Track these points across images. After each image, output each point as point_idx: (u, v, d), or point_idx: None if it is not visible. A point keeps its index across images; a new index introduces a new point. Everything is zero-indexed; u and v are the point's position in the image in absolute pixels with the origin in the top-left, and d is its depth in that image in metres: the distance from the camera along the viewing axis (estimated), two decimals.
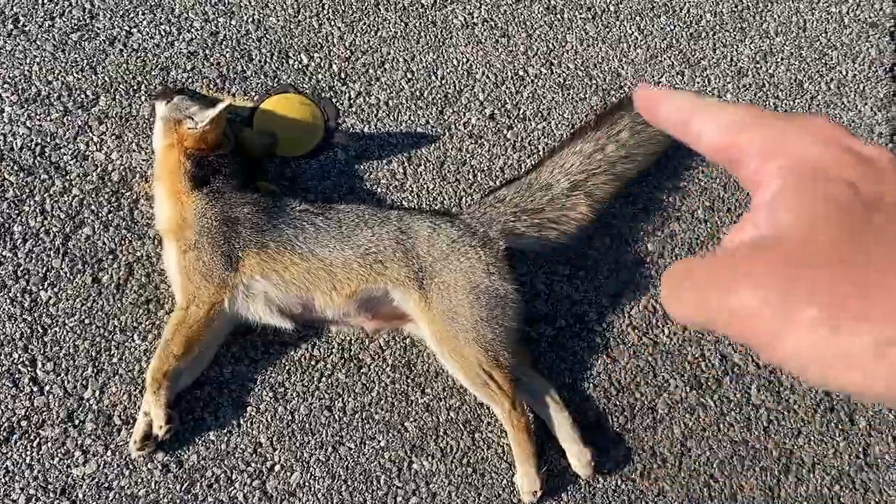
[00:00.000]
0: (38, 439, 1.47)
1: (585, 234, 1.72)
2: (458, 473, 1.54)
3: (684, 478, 1.59)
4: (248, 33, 1.88)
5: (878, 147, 0.34)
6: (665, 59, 1.99)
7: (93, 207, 1.65)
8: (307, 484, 1.51)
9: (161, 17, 1.87)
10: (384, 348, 1.62)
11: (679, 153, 1.86)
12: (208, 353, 1.54)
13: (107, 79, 1.78)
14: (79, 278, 1.59)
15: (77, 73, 1.78)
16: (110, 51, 1.81)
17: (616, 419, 1.62)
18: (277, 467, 1.51)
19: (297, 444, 1.53)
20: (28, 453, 1.46)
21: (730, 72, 1.99)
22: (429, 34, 1.95)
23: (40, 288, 1.58)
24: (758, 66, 2.01)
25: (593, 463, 1.51)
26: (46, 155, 1.69)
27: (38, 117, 1.72)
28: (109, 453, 1.48)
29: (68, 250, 1.61)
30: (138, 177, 1.69)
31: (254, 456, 1.51)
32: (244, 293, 1.51)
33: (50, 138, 1.70)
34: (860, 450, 1.64)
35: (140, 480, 1.47)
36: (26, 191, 1.65)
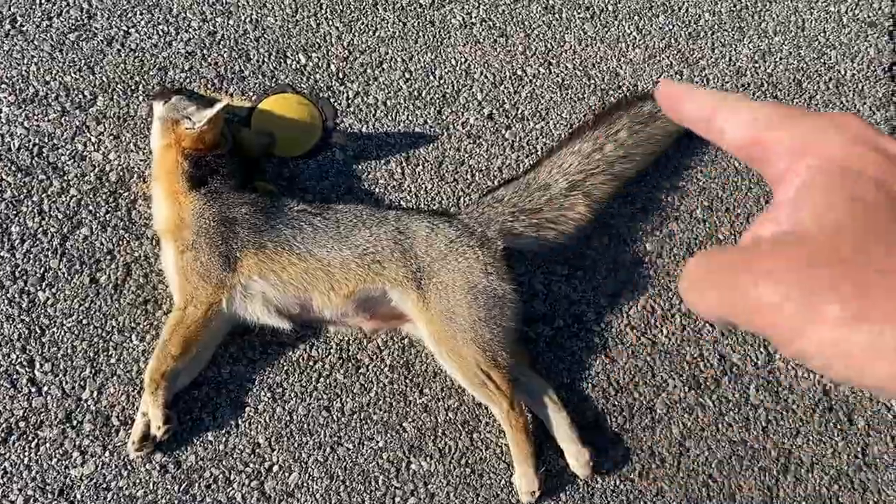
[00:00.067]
0: (36, 440, 1.47)
1: (584, 233, 1.72)
2: (456, 474, 1.54)
3: (683, 478, 1.59)
4: (245, 33, 1.88)
5: None
6: (663, 58, 1.99)
7: (91, 208, 1.65)
8: (305, 484, 1.51)
9: (159, 17, 1.86)
10: (382, 349, 1.62)
11: (678, 153, 1.86)
12: (206, 354, 1.54)
13: (104, 79, 1.78)
14: (77, 279, 1.59)
15: (75, 73, 1.78)
16: (108, 51, 1.81)
17: (614, 419, 1.62)
18: (276, 468, 1.51)
19: (296, 444, 1.53)
20: (26, 454, 1.46)
21: (728, 71, 1.99)
22: (427, 34, 1.94)
23: (38, 288, 1.58)
24: (756, 66, 2.01)
25: (591, 463, 1.51)
26: (44, 155, 1.69)
27: (35, 117, 1.72)
28: (108, 454, 1.48)
29: (66, 251, 1.61)
30: (136, 177, 1.69)
31: (252, 456, 1.51)
32: (242, 293, 1.51)
33: (48, 138, 1.70)
34: (859, 449, 1.64)
35: (138, 481, 1.47)
36: (24, 191, 1.65)
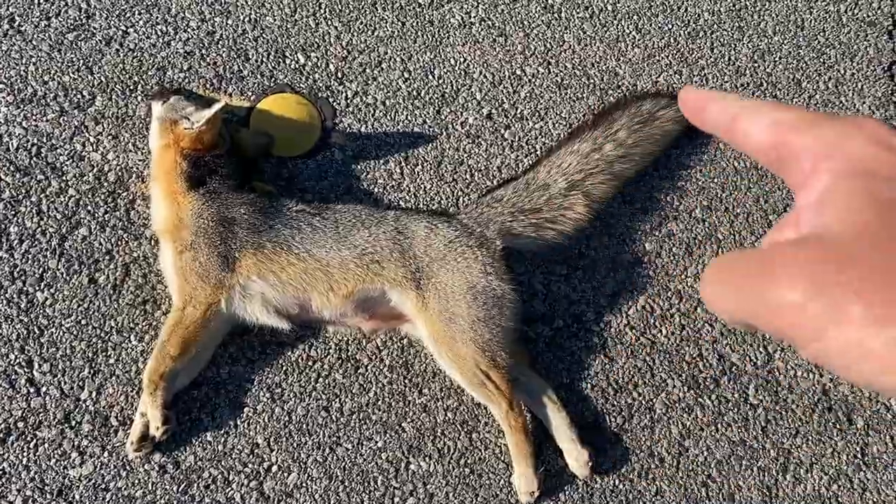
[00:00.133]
0: (34, 440, 1.47)
1: (583, 233, 1.72)
2: (455, 474, 1.54)
3: (682, 478, 1.59)
4: (244, 33, 1.88)
5: None
6: (663, 57, 1.99)
7: (89, 208, 1.65)
8: (304, 485, 1.51)
9: (157, 17, 1.86)
10: (381, 349, 1.62)
11: (677, 153, 1.86)
12: (205, 354, 1.54)
13: (103, 79, 1.78)
14: (75, 279, 1.59)
15: (73, 73, 1.77)
16: (107, 51, 1.81)
17: (614, 419, 1.62)
18: (275, 468, 1.51)
19: (295, 444, 1.53)
20: (25, 455, 1.46)
21: (728, 71, 1.99)
22: (426, 33, 1.94)
23: (37, 289, 1.57)
24: (756, 65, 2.00)
25: (591, 463, 1.51)
26: (43, 155, 1.68)
27: (34, 118, 1.72)
28: (106, 454, 1.48)
29: (65, 251, 1.61)
30: (135, 177, 1.69)
31: (251, 457, 1.51)
32: (241, 294, 1.50)
33: (46, 139, 1.70)
34: (858, 449, 1.64)
35: (137, 481, 1.47)
36: (22, 191, 1.65)
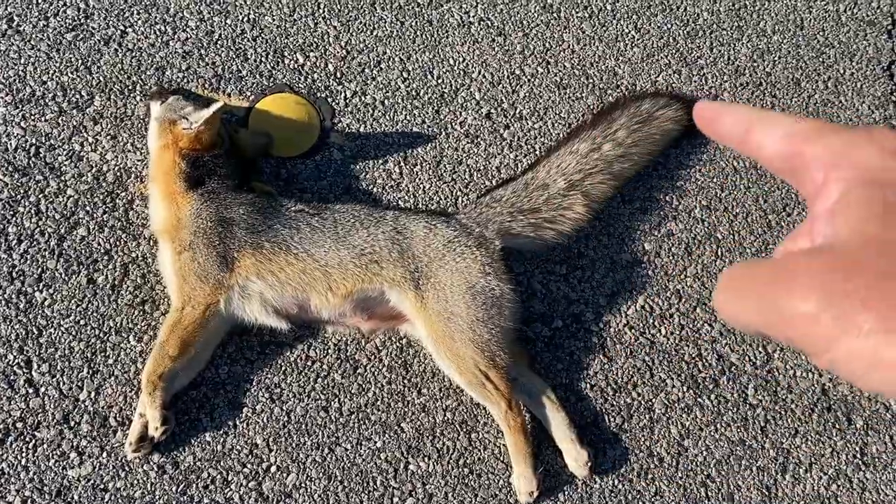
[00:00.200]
0: (33, 441, 1.47)
1: (582, 233, 1.72)
2: (454, 474, 1.54)
3: (681, 477, 1.59)
4: (243, 33, 1.88)
5: None
6: (662, 57, 1.98)
7: (88, 208, 1.65)
8: (304, 485, 1.50)
9: (156, 17, 1.86)
10: (380, 349, 1.62)
11: (676, 153, 1.86)
12: (204, 354, 1.54)
13: (102, 79, 1.78)
14: (74, 279, 1.59)
15: (72, 73, 1.77)
16: (105, 50, 1.81)
17: (613, 419, 1.62)
18: (274, 468, 1.51)
19: (294, 445, 1.53)
20: (24, 455, 1.46)
21: (727, 70, 1.99)
22: (425, 33, 1.94)
23: (35, 289, 1.57)
24: (755, 65, 2.00)
25: (590, 463, 1.51)
26: (41, 155, 1.68)
27: (32, 118, 1.71)
28: (105, 455, 1.48)
29: (63, 251, 1.61)
30: (133, 177, 1.69)
31: (250, 457, 1.51)
32: (240, 294, 1.50)
33: (45, 139, 1.70)
34: (857, 449, 1.64)
35: (136, 482, 1.47)
36: (21, 191, 1.64)
